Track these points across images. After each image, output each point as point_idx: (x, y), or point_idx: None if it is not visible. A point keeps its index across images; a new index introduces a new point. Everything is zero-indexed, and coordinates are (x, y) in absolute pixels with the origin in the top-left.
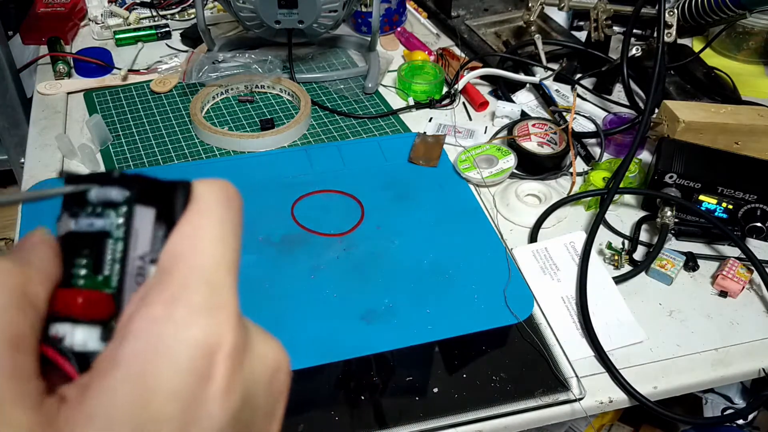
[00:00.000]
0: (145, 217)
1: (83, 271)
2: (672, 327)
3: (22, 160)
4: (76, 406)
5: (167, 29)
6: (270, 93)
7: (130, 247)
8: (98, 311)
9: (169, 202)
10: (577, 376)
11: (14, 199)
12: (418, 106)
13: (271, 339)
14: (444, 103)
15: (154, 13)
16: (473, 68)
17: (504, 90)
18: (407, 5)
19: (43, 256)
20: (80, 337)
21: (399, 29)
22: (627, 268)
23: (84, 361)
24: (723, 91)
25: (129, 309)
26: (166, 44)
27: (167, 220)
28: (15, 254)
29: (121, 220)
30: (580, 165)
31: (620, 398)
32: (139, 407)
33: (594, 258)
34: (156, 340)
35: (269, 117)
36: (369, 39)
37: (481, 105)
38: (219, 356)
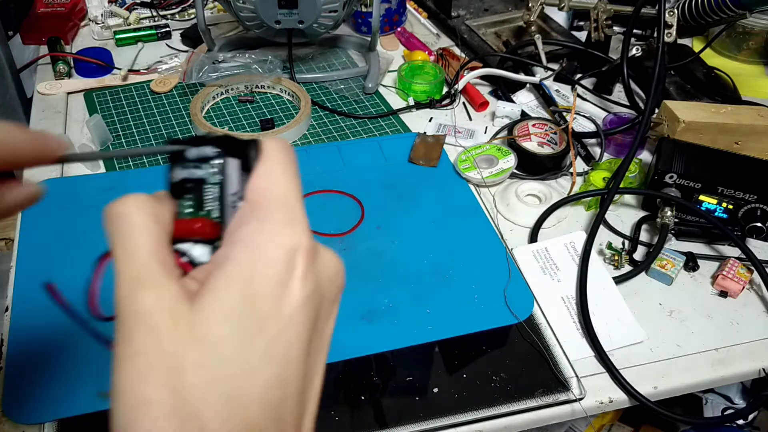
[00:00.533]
0: (233, 166)
1: (191, 209)
2: (672, 327)
3: None
4: (204, 284)
5: (167, 29)
6: (270, 93)
7: (226, 187)
8: (209, 233)
9: (246, 154)
10: (577, 376)
11: (127, 154)
12: (418, 106)
13: (332, 252)
14: (444, 103)
15: (154, 13)
16: (473, 68)
17: (504, 90)
18: (407, 5)
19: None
20: (198, 252)
21: (399, 29)
22: (627, 268)
23: None
24: (723, 91)
25: (229, 229)
26: (167, 44)
27: (246, 167)
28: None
29: (216, 169)
30: (580, 165)
31: (620, 398)
32: (247, 285)
33: (594, 258)
34: (255, 244)
35: (269, 117)
36: (369, 39)
37: (481, 105)
38: (299, 253)
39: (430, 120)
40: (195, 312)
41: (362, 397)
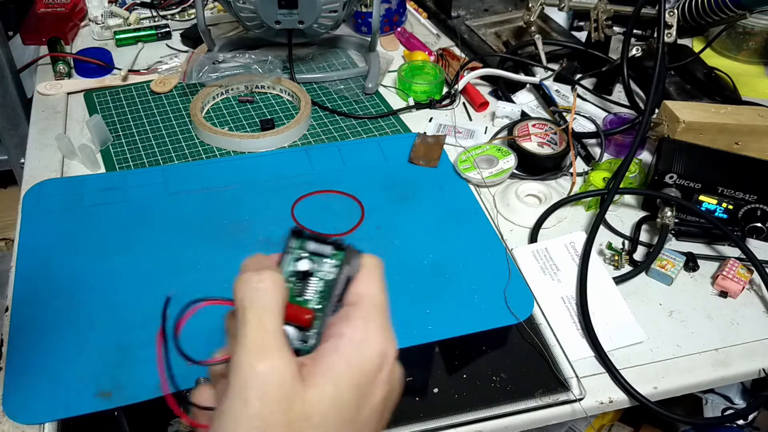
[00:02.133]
0: (346, 272)
1: (296, 294)
2: (672, 327)
3: (22, 161)
4: (314, 367)
5: (167, 29)
6: (270, 93)
7: (335, 287)
8: (307, 321)
9: (354, 264)
10: (577, 376)
11: None
12: (418, 106)
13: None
14: (444, 103)
15: (155, 14)
16: (473, 68)
17: (504, 90)
18: (407, 5)
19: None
20: (291, 334)
21: (399, 29)
22: (627, 268)
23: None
24: (723, 92)
25: (333, 322)
26: (167, 44)
27: (350, 276)
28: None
29: (331, 269)
30: (580, 165)
31: (620, 398)
32: (351, 376)
33: (594, 258)
34: (360, 341)
35: (269, 117)
36: (369, 39)
37: (481, 105)
38: (388, 358)
39: (430, 120)
40: (307, 391)
41: None
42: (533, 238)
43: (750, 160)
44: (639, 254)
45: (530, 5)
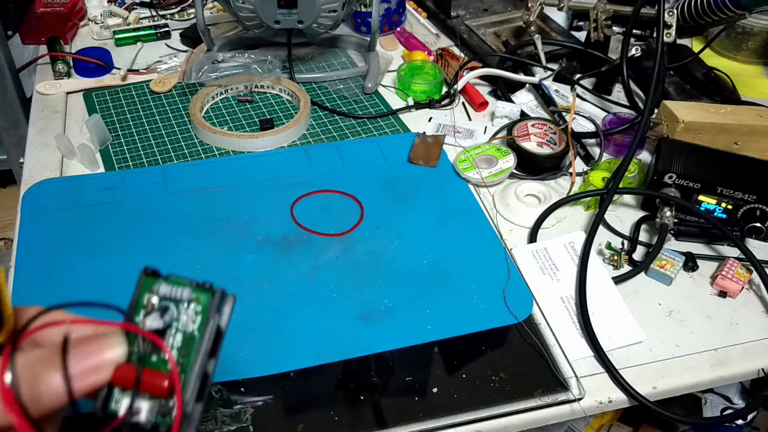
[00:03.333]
0: (211, 322)
1: (154, 356)
2: (671, 327)
3: (22, 160)
4: None
5: (167, 29)
6: (269, 93)
7: (201, 342)
8: (165, 390)
9: (224, 312)
10: (576, 376)
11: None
12: (418, 106)
13: None
14: (443, 103)
15: (154, 13)
16: (473, 68)
17: (503, 90)
18: (407, 5)
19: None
20: (145, 409)
21: (398, 29)
22: (626, 268)
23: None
24: (722, 92)
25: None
26: (166, 44)
27: (221, 326)
28: None
29: (193, 317)
30: (579, 165)
31: (620, 398)
32: None
33: (593, 258)
34: None
35: (269, 117)
36: (368, 39)
37: (481, 105)
38: None
39: (429, 120)
40: None
41: (361, 397)
42: (532, 237)
43: (749, 160)
44: (638, 254)
45: (529, 5)
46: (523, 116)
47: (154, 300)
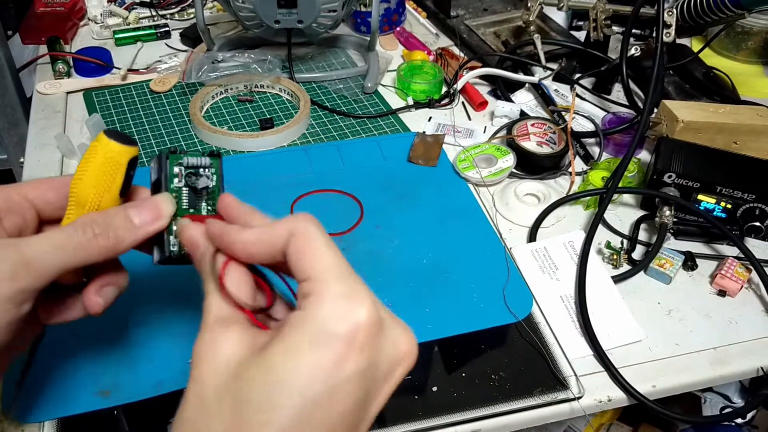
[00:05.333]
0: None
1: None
2: (671, 326)
3: (22, 160)
4: (274, 340)
5: (167, 29)
6: (269, 92)
7: (219, 191)
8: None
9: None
10: (576, 374)
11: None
12: (418, 105)
13: (407, 334)
14: (443, 102)
15: (154, 13)
16: (472, 68)
17: (503, 90)
18: (406, 5)
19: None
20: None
21: (398, 29)
22: (626, 267)
23: None
24: (722, 91)
25: (300, 293)
26: (166, 44)
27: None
28: None
29: (212, 176)
30: (579, 164)
31: (619, 397)
32: (314, 347)
33: (593, 257)
34: (315, 320)
35: (268, 116)
36: (368, 39)
37: (480, 105)
38: (360, 329)
39: (429, 119)
40: (262, 360)
41: None
42: (532, 237)
43: (748, 159)
44: (638, 253)
45: (529, 5)
46: (523, 116)
47: (181, 169)
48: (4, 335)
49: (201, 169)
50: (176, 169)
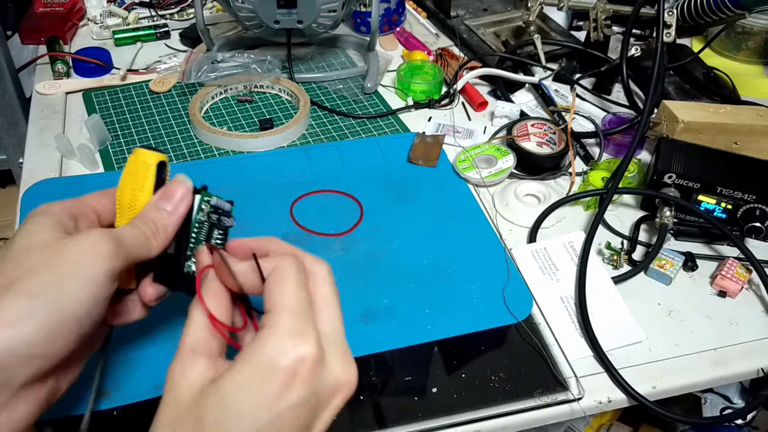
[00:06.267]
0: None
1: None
2: (671, 327)
3: (21, 160)
4: (226, 374)
5: (166, 29)
6: (269, 93)
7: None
8: None
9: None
10: (576, 375)
11: None
12: (417, 106)
13: (348, 367)
14: (443, 103)
15: (153, 13)
16: (472, 68)
17: (503, 90)
18: (406, 5)
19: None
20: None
21: (398, 29)
22: (626, 268)
23: None
24: (722, 91)
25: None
26: (165, 44)
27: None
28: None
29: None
30: (579, 165)
31: (619, 398)
32: (261, 378)
33: (593, 258)
34: (265, 349)
35: (268, 117)
36: (368, 39)
37: (480, 105)
38: (304, 362)
39: (429, 120)
40: (217, 389)
41: (361, 397)
42: (532, 237)
43: (749, 159)
44: (638, 254)
45: (529, 5)
46: (523, 116)
47: (207, 206)
48: (101, 310)
49: (224, 212)
50: (204, 206)
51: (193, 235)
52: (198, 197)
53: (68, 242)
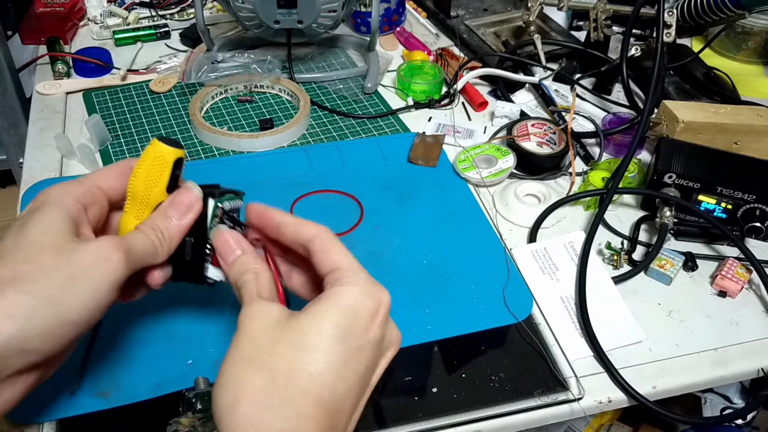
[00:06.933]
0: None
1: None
2: (671, 327)
3: (21, 160)
4: (307, 308)
5: (166, 29)
6: (269, 93)
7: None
8: None
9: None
10: (576, 375)
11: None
12: (418, 106)
13: (396, 327)
14: (443, 103)
15: (154, 13)
16: (472, 68)
17: (503, 90)
18: (406, 5)
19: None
20: None
21: (398, 29)
22: (626, 268)
23: None
24: (722, 91)
25: (327, 282)
26: (166, 44)
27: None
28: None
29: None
30: (579, 165)
31: (619, 398)
32: (349, 312)
33: (593, 258)
34: (355, 293)
35: (268, 117)
36: (368, 39)
37: (481, 105)
38: (382, 307)
39: (429, 120)
40: (297, 322)
41: None
42: (532, 237)
43: (749, 159)
44: (638, 254)
45: (529, 5)
46: (523, 116)
47: (220, 206)
48: (100, 315)
49: (237, 212)
50: (218, 212)
51: (209, 246)
52: (211, 205)
53: (82, 249)
